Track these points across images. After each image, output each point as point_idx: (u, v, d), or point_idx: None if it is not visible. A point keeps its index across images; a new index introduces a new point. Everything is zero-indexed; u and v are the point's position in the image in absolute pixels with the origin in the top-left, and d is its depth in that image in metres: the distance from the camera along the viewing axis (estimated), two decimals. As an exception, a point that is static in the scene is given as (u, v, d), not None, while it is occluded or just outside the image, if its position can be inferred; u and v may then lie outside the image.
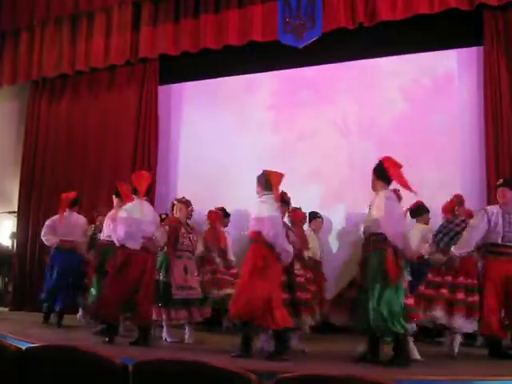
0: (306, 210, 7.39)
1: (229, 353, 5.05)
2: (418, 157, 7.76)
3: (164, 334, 6.23)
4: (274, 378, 2.31)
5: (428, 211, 6.93)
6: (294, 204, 6.65)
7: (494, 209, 5.67)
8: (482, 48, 7.72)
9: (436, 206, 6.70)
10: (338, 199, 7.89)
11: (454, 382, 4.03)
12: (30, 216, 10.07)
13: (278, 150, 8.59)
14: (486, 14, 7.64)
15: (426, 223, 6.93)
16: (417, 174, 7.51)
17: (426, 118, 7.93)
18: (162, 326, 6.25)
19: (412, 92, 8.10)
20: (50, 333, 6.66)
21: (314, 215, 7.60)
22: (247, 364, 4.35)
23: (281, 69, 8.89)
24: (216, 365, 2.42)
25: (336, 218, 8.14)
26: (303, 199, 7.27)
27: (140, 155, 9.50)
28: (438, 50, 8.00)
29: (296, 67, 8.78)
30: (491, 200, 6.75)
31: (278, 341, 5.07)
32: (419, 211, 6.87)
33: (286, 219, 6.30)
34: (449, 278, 5.65)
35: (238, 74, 9.19)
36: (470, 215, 6.11)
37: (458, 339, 5.56)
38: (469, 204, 6.69)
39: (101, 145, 9.86)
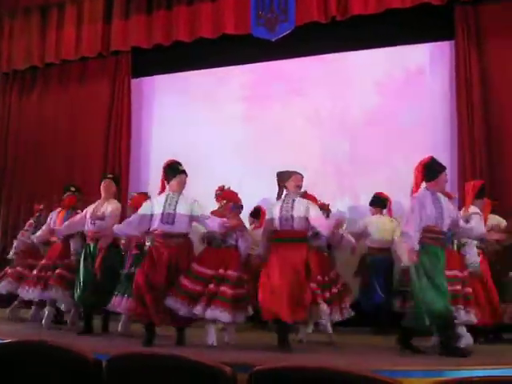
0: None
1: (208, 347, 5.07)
2: (390, 150, 7.84)
3: None
4: (250, 370, 2.32)
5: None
6: (265, 196, 6.69)
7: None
8: (453, 42, 7.81)
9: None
10: (310, 191, 7.90)
11: (427, 373, 4.07)
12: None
13: (250, 142, 8.60)
14: (456, 9, 7.73)
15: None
16: (389, 167, 7.62)
17: (398, 111, 7.99)
18: None
19: (384, 85, 8.16)
20: (22, 328, 6.58)
21: None
22: (223, 357, 4.35)
23: (253, 62, 8.87)
24: (191, 358, 2.41)
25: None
26: (275, 192, 7.27)
27: (112, 149, 9.42)
28: (410, 43, 8.07)
29: (269, 60, 8.77)
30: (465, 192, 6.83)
31: None
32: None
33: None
34: None
35: (211, 67, 9.15)
36: None
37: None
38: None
39: (72, 138, 9.73)
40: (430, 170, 5.23)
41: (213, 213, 5.71)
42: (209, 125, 8.95)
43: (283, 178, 5.66)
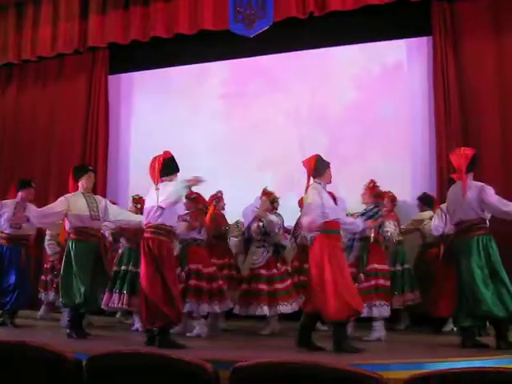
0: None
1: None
2: (368, 145, 7.89)
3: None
4: (231, 366, 2.32)
5: None
6: (245, 194, 6.70)
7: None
8: (430, 38, 7.87)
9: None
10: (290, 187, 7.92)
11: (407, 365, 4.12)
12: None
13: (230, 138, 8.60)
14: (433, 5, 7.78)
15: None
16: (368, 162, 7.67)
17: (376, 106, 8.04)
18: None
19: (362, 81, 8.20)
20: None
21: None
22: (204, 354, 4.35)
23: (232, 58, 8.86)
24: (172, 356, 2.40)
25: (288, 205, 8.17)
26: (256, 187, 7.29)
27: (90, 146, 9.33)
28: (387, 39, 8.12)
29: (247, 56, 8.76)
30: (443, 188, 6.92)
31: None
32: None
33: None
34: None
35: (189, 63, 9.12)
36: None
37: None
38: (419, 192, 6.92)
39: (49, 136, 9.63)
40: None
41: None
42: (188, 121, 8.92)
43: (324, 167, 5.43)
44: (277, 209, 6.71)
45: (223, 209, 7.19)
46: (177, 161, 5.47)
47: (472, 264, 4.99)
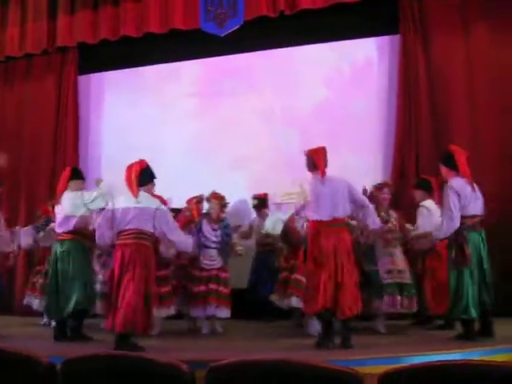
0: (232, 196, 7.41)
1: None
2: (339, 144, 7.90)
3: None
4: (207, 366, 2.31)
5: None
6: (219, 191, 6.69)
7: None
8: (400, 36, 7.92)
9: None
10: (262, 185, 7.94)
11: (382, 360, 4.15)
12: None
13: (202, 137, 8.57)
14: (401, 3, 7.86)
15: None
16: (339, 160, 7.67)
17: (347, 104, 8.09)
18: None
19: (333, 79, 8.25)
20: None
21: None
22: (180, 355, 4.34)
23: (204, 57, 8.84)
24: (147, 357, 2.40)
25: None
26: (229, 186, 7.30)
27: (60, 147, 9.21)
28: (358, 38, 8.18)
29: (219, 55, 8.75)
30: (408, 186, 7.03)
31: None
32: None
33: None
34: None
35: (161, 63, 9.07)
36: None
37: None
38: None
39: (18, 137, 9.50)
40: None
41: None
42: (160, 120, 8.88)
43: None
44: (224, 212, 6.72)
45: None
46: (151, 162, 5.44)
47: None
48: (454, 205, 5.08)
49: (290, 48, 8.48)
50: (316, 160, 5.25)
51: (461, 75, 7.60)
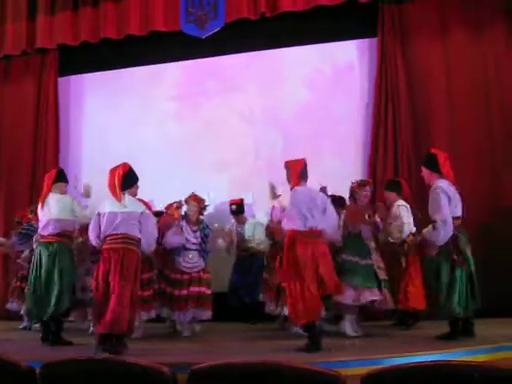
0: (214, 199, 7.41)
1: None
2: (321, 146, 7.96)
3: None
4: (188, 369, 2.30)
5: None
6: (200, 193, 6.68)
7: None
8: (379, 39, 7.98)
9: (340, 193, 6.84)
10: (244, 188, 7.94)
11: (364, 361, 4.17)
12: None
13: (183, 139, 8.56)
14: (381, 7, 7.90)
15: None
16: (320, 163, 7.72)
17: (328, 106, 8.12)
18: None
19: (314, 81, 8.27)
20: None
21: None
22: (161, 358, 4.32)
23: (184, 59, 8.81)
24: (127, 361, 2.38)
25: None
26: (210, 188, 7.30)
27: (39, 149, 9.12)
28: (338, 40, 8.21)
29: (200, 57, 8.72)
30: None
31: None
32: None
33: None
34: None
35: (141, 65, 9.02)
36: None
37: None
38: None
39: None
40: None
41: None
42: (141, 122, 8.83)
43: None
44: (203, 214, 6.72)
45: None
46: (133, 165, 5.43)
47: None
48: (446, 208, 5.11)
49: (271, 50, 8.49)
50: (291, 172, 5.33)
51: (440, 77, 7.68)
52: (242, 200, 7.67)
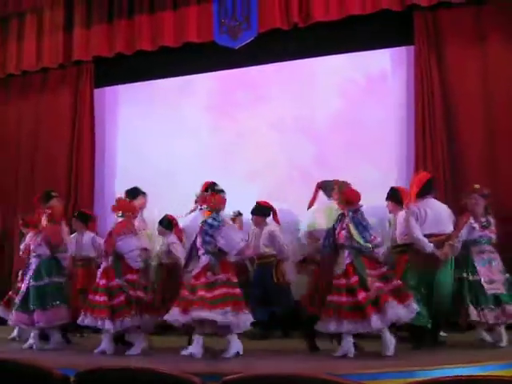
0: (247, 210, 7.38)
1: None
2: (355, 154, 7.90)
3: None
4: (219, 379, 2.30)
5: None
6: (233, 205, 6.67)
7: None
8: (414, 47, 7.89)
9: (375, 203, 6.76)
10: (278, 199, 7.91)
11: (398, 374, 4.10)
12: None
13: (216, 151, 8.58)
14: (415, 15, 7.83)
15: None
16: (354, 171, 7.66)
17: (361, 115, 8.04)
18: None
19: (347, 90, 8.22)
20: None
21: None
22: (192, 367, 4.32)
23: (217, 70, 8.85)
24: (160, 370, 2.38)
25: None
26: (243, 200, 7.28)
27: (76, 161, 9.28)
28: (371, 49, 8.13)
29: (232, 68, 8.76)
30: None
31: None
32: None
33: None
34: None
35: (175, 76, 9.10)
36: None
37: None
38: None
39: (34, 151, 9.61)
40: None
41: None
42: (174, 134, 8.89)
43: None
44: None
45: None
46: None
47: None
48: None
49: (304, 60, 8.46)
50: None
51: (475, 86, 7.55)
52: (266, 203, 7.37)
